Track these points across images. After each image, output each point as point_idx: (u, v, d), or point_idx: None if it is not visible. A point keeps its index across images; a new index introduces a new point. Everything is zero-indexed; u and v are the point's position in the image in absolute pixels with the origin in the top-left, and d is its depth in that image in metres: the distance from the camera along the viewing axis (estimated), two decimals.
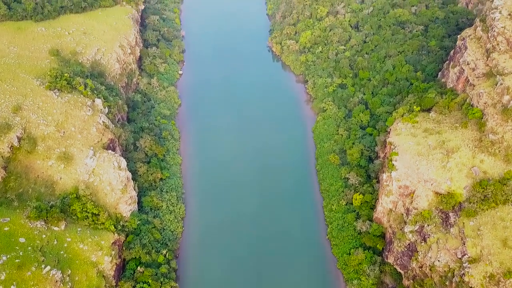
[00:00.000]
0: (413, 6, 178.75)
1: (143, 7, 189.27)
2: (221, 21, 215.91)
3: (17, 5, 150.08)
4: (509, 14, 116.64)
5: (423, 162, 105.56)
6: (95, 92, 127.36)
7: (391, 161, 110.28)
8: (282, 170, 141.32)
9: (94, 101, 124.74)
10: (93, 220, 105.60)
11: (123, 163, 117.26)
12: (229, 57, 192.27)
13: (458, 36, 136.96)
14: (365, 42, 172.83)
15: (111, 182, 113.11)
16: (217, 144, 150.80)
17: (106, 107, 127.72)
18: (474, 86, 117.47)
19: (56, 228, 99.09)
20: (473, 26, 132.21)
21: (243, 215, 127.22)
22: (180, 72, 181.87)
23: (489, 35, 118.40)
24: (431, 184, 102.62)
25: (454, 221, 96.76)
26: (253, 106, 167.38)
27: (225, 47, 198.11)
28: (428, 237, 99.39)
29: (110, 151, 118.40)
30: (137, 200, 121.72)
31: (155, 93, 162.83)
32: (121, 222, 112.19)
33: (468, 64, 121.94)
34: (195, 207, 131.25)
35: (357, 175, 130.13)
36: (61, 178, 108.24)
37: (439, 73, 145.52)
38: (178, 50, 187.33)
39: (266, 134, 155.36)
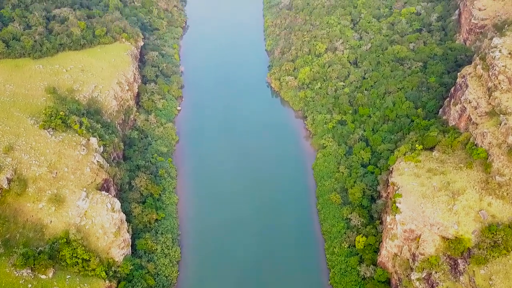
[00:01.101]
0: (411, 42, 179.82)
1: (142, 43, 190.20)
2: (220, 56, 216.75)
3: (16, 42, 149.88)
4: (510, 53, 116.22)
5: (428, 204, 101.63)
6: (90, 130, 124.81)
7: (394, 203, 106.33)
8: (282, 210, 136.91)
9: (89, 140, 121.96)
10: (83, 267, 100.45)
11: (117, 204, 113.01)
12: (228, 93, 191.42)
13: (458, 73, 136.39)
14: (364, 78, 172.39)
15: (103, 225, 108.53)
16: (215, 182, 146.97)
17: (101, 146, 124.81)
18: (477, 125, 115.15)
19: (43, 277, 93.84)
20: (472, 64, 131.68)
21: (241, 259, 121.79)
22: (179, 108, 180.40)
23: (490, 73, 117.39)
24: (438, 228, 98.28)
25: (464, 268, 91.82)
26: (252, 143, 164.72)
27: (224, 83, 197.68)
28: (437, 286, 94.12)
29: (103, 192, 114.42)
30: (130, 242, 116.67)
31: (153, 130, 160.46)
32: (113, 267, 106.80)
33: (469, 102, 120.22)
34: (191, 249, 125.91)
35: (359, 216, 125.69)
36: (51, 221, 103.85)
37: (440, 110, 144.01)
38: (176, 86, 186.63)
39: (265, 171, 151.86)
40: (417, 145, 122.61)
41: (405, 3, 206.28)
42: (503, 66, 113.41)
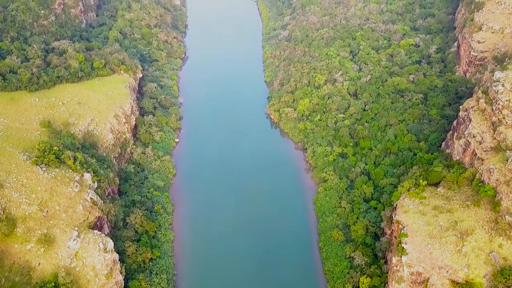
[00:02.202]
0: (411, 74, 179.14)
1: (141, 75, 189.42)
2: (219, 87, 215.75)
3: (13, 76, 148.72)
4: None
5: (435, 245, 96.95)
6: (84, 166, 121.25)
7: (400, 243, 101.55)
8: (283, 247, 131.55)
9: (83, 175, 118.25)
10: None
11: (110, 244, 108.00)
12: (227, 124, 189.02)
13: (460, 106, 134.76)
14: (364, 110, 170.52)
15: (95, 266, 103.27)
16: (212, 218, 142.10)
17: (96, 182, 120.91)
18: (482, 160, 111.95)
19: None
20: (474, 97, 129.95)
21: None
22: (177, 140, 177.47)
23: (494, 107, 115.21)
24: (447, 272, 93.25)
25: None
26: (251, 175, 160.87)
27: (223, 114, 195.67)
28: None
29: (96, 231, 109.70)
30: (123, 284, 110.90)
31: (149, 163, 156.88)
32: None
33: (474, 137, 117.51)
34: None
35: (363, 255, 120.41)
36: (39, 263, 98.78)
37: (443, 143, 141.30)
38: (175, 118, 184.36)
39: (265, 206, 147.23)
40: (421, 181, 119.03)
41: (404, 35, 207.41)
42: (507, 100, 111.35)
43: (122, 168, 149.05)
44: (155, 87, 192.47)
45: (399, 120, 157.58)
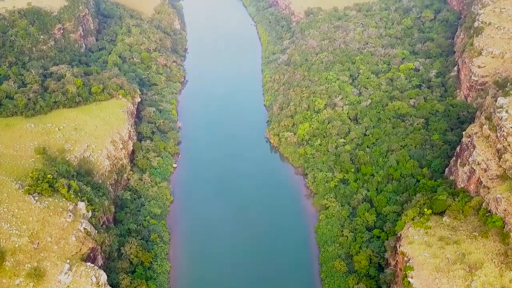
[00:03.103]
0: (411, 98, 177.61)
1: (139, 99, 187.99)
2: (218, 111, 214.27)
3: (9, 101, 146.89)
4: None
5: (443, 280, 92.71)
6: (79, 194, 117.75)
7: (406, 277, 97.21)
8: (284, 279, 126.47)
9: (76, 204, 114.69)
10: None
11: (103, 277, 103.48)
12: (226, 148, 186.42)
13: (463, 132, 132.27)
14: (365, 135, 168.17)
15: None
16: (210, 247, 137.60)
17: (90, 211, 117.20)
18: (488, 188, 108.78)
19: None
20: (478, 123, 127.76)
21: None
22: (174, 165, 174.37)
23: (498, 134, 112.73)
24: None
25: None
26: (251, 202, 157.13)
27: (222, 138, 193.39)
28: None
29: (89, 263, 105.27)
30: None
31: (146, 190, 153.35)
32: None
33: (478, 164, 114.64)
34: None
35: (366, 287, 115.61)
36: None
37: (446, 170, 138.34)
38: (173, 143, 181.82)
39: (264, 234, 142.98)
40: (425, 209, 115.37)
41: (403, 59, 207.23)
42: (511, 127, 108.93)
43: (118, 195, 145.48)
44: (153, 112, 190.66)
45: (401, 146, 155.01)
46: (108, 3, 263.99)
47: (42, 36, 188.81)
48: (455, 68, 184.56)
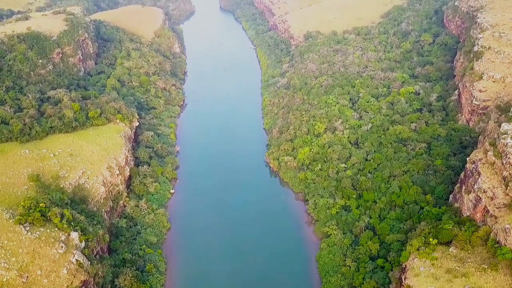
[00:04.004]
0: (413, 122, 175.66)
1: (137, 123, 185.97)
2: (217, 135, 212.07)
3: (4, 126, 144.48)
4: None
5: None
6: (72, 224, 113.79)
7: None
8: None
9: (69, 235, 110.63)
10: None
11: None
12: (225, 173, 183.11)
13: (467, 158, 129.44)
14: (366, 160, 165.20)
15: None
16: (208, 276, 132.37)
17: (83, 241, 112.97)
18: (496, 218, 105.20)
19: None
20: (481, 149, 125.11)
21: None
22: (172, 191, 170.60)
23: (504, 161, 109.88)
24: None
25: None
26: (250, 229, 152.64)
27: (221, 163, 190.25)
28: None
29: None
30: None
31: (143, 217, 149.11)
32: None
33: (484, 192, 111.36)
34: None
35: None
36: None
37: (450, 196, 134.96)
38: (171, 167, 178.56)
39: (264, 263, 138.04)
40: (430, 239, 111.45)
41: (403, 83, 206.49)
42: None
43: (113, 223, 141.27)
44: (151, 136, 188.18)
45: (403, 171, 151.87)
46: (108, 27, 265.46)
47: (40, 61, 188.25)
48: (456, 92, 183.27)
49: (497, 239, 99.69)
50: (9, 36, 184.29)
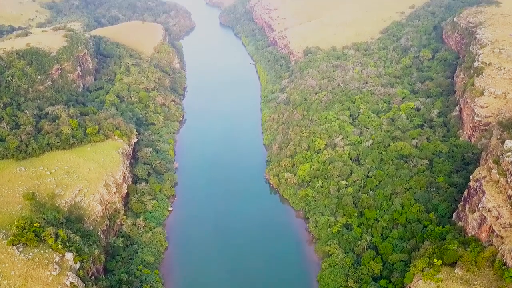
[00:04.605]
0: (414, 138, 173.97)
1: (136, 139, 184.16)
2: (217, 151, 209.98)
3: (0, 143, 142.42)
4: None
5: None
6: (66, 244, 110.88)
7: None
8: None
9: (64, 255, 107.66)
10: None
11: None
12: (224, 190, 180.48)
13: (471, 176, 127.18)
14: (368, 177, 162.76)
15: None
16: None
17: (78, 262, 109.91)
18: (502, 238, 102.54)
19: None
20: (485, 167, 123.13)
21: None
22: (170, 208, 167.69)
23: (509, 180, 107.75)
24: None
25: None
26: (249, 248, 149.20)
27: (220, 179, 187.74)
28: None
29: None
30: None
31: (140, 236, 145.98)
32: None
33: (489, 211, 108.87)
34: None
35: None
36: None
37: (454, 214, 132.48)
38: (169, 184, 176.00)
39: (263, 283, 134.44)
40: (435, 260, 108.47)
41: (403, 98, 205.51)
42: None
43: (109, 243, 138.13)
44: (150, 152, 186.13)
45: (405, 188, 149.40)
46: (108, 43, 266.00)
47: (39, 77, 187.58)
48: (457, 108, 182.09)
49: (504, 260, 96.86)
50: (8, 52, 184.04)
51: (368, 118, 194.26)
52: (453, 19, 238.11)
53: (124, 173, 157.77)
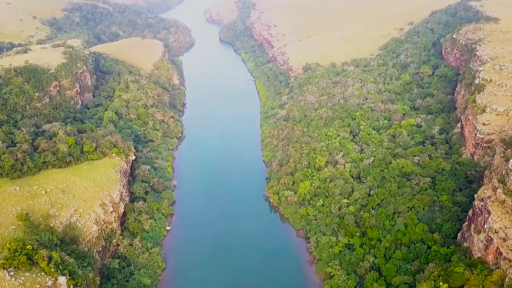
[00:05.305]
0: (415, 156, 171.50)
1: (134, 157, 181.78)
2: (215, 167, 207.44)
3: None
4: None
5: None
6: (60, 267, 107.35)
7: None
8: None
9: (56, 279, 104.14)
10: None
11: None
12: (222, 208, 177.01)
13: (475, 195, 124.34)
14: (369, 195, 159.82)
15: None
16: None
17: (71, 286, 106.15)
18: (510, 261, 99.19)
19: None
20: (490, 186, 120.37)
21: None
22: (168, 228, 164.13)
23: None
24: None
25: None
26: (248, 269, 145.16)
27: (219, 197, 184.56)
28: None
29: None
30: None
31: (136, 256, 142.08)
32: None
33: (496, 232, 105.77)
34: None
35: None
36: None
37: (459, 235, 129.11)
38: (167, 203, 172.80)
39: None
40: (441, 283, 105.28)
41: (404, 115, 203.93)
42: None
43: (105, 264, 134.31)
44: (148, 170, 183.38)
45: (408, 207, 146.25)
46: (107, 60, 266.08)
47: (37, 94, 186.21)
48: (459, 125, 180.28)
49: None
50: (6, 69, 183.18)
51: (368, 135, 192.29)
52: (452, 35, 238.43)
53: (121, 192, 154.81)
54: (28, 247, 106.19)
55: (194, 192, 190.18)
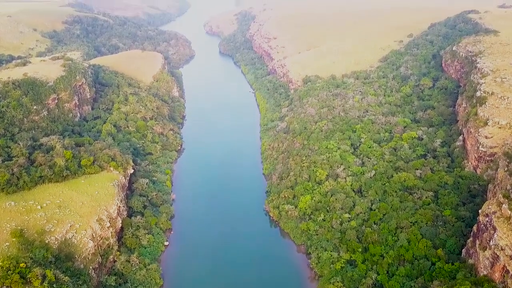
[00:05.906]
0: (417, 169, 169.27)
1: (132, 171, 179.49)
2: (215, 181, 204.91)
3: None
4: None
5: None
6: (54, 286, 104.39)
7: None
8: None
9: None
10: None
11: None
12: (222, 222, 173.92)
13: (479, 211, 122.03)
14: (371, 209, 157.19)
15: None
16: None
17: None
18: None
19: None
20: (494, 201, 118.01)
21: None
22: (166, 243, 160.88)
23: None
24: None
25: None
26: (248, 285, 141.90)
27: (219, 211, 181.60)
28: None
29: None
30: None
31: (133, 273, 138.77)
32: None
33: (502, 249, 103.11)
34: None
35: None
36: None
37: (463, 251, 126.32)
38: (166, 217, 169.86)
39: None
40: None
41: (405, 127, 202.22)
42: None
43: (101, 281, 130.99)
44: (146, 183, 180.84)
45: (411, 222, 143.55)
46: (107, 72, 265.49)
47: (35, 107, 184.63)
48: (460, 138, 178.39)
49: None
50: (4, 82, 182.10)
51: (369, 147, 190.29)
52: (452, 47, 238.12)
53: (119, 207, 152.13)
54: (21, 265, 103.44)
55: (193, 206, 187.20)
